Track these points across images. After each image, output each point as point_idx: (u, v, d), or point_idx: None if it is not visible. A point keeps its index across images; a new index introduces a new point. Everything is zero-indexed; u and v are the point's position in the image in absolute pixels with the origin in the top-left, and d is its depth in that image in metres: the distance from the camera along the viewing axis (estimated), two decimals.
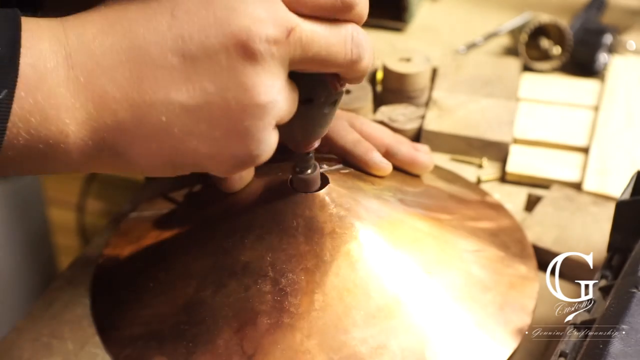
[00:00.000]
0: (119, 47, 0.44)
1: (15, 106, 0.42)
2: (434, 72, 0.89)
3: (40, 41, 0.44)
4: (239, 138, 0.46)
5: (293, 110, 0.48)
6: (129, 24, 0.45)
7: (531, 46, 0.92)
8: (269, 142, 0.47)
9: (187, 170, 0.48)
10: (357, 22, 0.49)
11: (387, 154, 0.68)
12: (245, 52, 0.44)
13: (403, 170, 0.69)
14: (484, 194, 0.74)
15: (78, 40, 0.44)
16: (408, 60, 0.84)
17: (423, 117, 0.82)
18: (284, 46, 0.45)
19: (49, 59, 0.44)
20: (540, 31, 0.92)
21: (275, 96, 0.46)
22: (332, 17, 0.48)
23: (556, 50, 0.91)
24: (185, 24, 0.44)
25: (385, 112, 0.82)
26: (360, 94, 0.82)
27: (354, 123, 0.70)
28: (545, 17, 0.91)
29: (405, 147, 0.69)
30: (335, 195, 0.60)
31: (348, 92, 0.82)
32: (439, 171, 0.76)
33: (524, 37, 0.91)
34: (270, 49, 0.45)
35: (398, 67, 0.83)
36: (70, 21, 0.45)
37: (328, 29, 0.47)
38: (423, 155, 0.70)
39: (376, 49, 0.62)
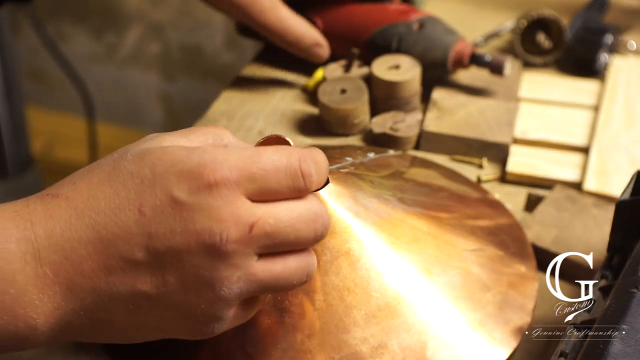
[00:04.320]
0: (87, 240, 0.46)
1: None
2: None
3: (7, 244, 0.46)
4: (196, 318, 0.48)
5: (260, 289, 0.49)
6: (96, 216, 0.47)
7: (530, 40, 0.92)
8: (227, 318, 0.49)
9: (151, 340, 0.51)
10: (318, 188, 0.51)
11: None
12: (207, 251, 0.47)
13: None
14: (483, 192, 0.74)
15: (46, 235, 0.46)
16: (397, 67, 0.83)
17: (421, 121, 0.82)
18: (246, 242, 0.47)
19: (16, 259, 0.45)
20: (540, 26, 0.92)
21: (232, 284, 0.47)
22: (296, 196, 0.49)
23: (548, 44, 0.91)
24: (152, 222, 0.46)
25: (381, 122, 0.82)
26: (355, 95, 0.82)
27: None
28: (546, 11, 0.91)
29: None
30: (335, 194, 0.60)
31: (344, 91, 0.82)
32: (439, 168, 0.76)
33: (522, 22, 0.91)
34: (231, 247, 0.47)
35: (387, 75, 0.83)
36: (38, 213, 0.47)
37: (293, 216, 0.49)
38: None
39: None
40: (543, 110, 0.85)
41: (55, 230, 0.46)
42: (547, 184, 0.77)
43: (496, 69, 0.84)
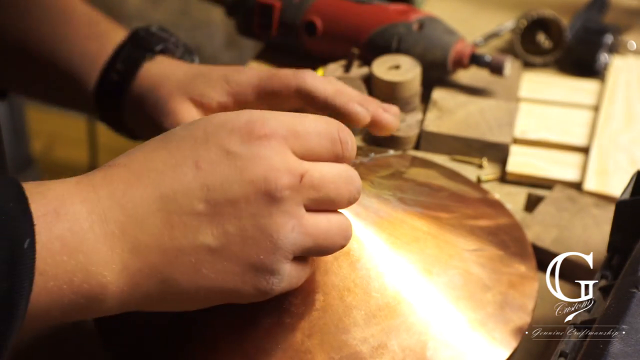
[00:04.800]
0: (148, 198, 0.48)
1: (60, 270, 0.45)
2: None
3: (73, 205, 0.47)
4: (256, 271, 0.50)
5: (311, 244, 0.51)
6: (155, 176, 0.49)
7: (530, 40, 0.92)
8: (284, 273, 0.51)
9: (213, 304, 0.52)
10: (349, 160, 0.54)
11: None
12: (263, 198, 0.49)
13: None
14: (483, 191, 0.74)
15: (109, 197, 0.48)
16: (397, 67, 0.83)
17: (421, 121, 0.82)
18: (297, 190, 0.50)
19: (84, 220, 0.47)
20: (540, 26, 0.92)
21: (288, 233, 0.50)
22: (334, 160, 0.53)
23: (548, 44, 0.91)
24: (209, 175, 0.49)
25: None
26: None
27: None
28: (547, 11, 0.91)
29: (373, 105, 0.70)
30: None
31: None
32: (439, 169, 0.76)
33: (522, 22, 0.91)
34: (285, 194, 0.49)
35: (387, 75, 0.83)
36: (99, 179, 0.49)
37: (334, 174, 0.52)
38: (387, 115, 0.70)
39: None
40: (543, 110, 0.85)
41: (116, 192, 0.48)
42: (547, 184, 0.77)
43: (496, 69, 0.84)
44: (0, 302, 0.43)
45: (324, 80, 0.69)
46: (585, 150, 0.80)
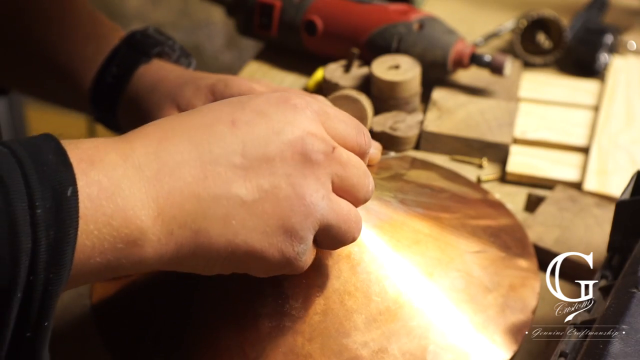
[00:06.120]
0: (183, 148, 0.49)
1: (98, 213, 0.46)
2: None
3: (107, 154, 0.48)
4: (285, 234, 0.50)
5: (334, 222, 0.52)
6: (189, 130, 0.50)
7: (530, 40, 0.92)
8: (309, 244, 0.51)
9: (238, 268, 0.52)
10: (366, 156, 0.56)
11: None
12: (298, 158, 0.50)
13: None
14: (484, 192, 0.74)
15: (143, 147, 0.49)
16: (397, 67, 0.83)
17: (422, 122, 0.82)
18: (329, 159, 0.51)
19: (119, 166, 0.48)
20: (540, 26, 0.92)
21: (319, 200, 0.51)
22: (356, 150, 0.54)
23: (548, 44, 0.91)
24: (246, 132, 0.50)
25: (381, 122, 0.82)
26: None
27: None
28: (547, 11, 0.91)
29: None
30: None
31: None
32: (439, 170, 0.76)
33: (522, 22, 0.91)
34: (319, 157, 0.51)
35: (387, 75, 0.83)
36: (131, 135, 0.50)
37: (357, 161, 0.53)
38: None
39: None
40: (543, 110, 0.85)
41: (151, 143, 0.49)
42: (547, 184, 0.77)
43: (496, 69, 0.85)
44: (48, 251, 0.43)
45: None
46: (585, 150, 0.80)
